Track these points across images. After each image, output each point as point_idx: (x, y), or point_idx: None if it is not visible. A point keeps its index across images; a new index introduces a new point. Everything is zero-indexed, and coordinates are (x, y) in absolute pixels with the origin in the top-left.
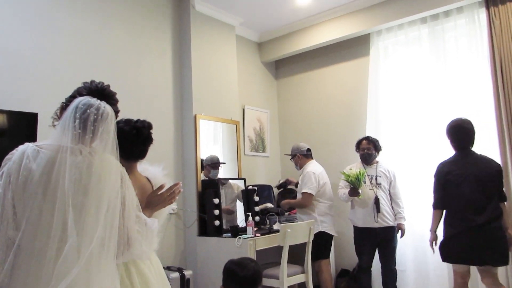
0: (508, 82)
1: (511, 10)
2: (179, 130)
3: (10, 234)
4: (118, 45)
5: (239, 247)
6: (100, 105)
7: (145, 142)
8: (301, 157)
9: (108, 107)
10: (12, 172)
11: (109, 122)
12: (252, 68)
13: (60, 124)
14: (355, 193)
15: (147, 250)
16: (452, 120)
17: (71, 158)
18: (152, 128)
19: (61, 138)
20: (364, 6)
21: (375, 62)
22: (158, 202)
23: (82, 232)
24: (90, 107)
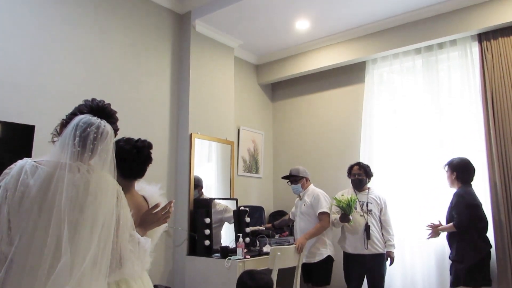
0: (498, 115)
1: (503, 45)
2: (174, 148)
3: (3, 249)
4: (117, 62)
5: (228, 268)
6: (100, 124)
7: (145, 161)
8: (308, 181)
9: (108, 126)
10: (9, 187)
11: (108, 141)
12: (249, 90)
13: (60, 141)
14: (345, 219)
15: (139, 270)
16: (461, 158)
17: (69, 175)
18: (152, 148)
19: (60, 155)
20: (361, 35)
21: (370, 89)
22: (152, 221)
23: (76, 250)
24: (91, 126)
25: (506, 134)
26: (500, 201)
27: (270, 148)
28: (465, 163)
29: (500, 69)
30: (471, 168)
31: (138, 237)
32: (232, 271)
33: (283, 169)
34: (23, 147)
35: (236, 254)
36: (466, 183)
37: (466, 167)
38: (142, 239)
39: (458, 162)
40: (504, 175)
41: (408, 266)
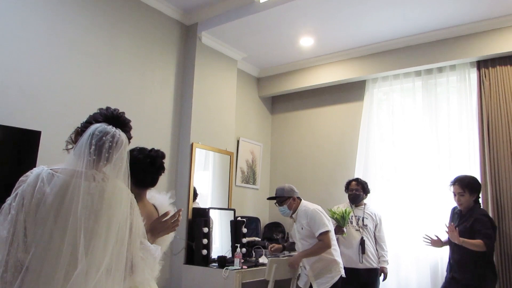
0: (493, 140)
1: (500, 73)
2: (175, 157)
3: (19, 256)
4: (123, 70)
5: (225, 278)
6: (115, 133)
7: (158, 171)
8: (296, 200)
9: (122, 135)
10: (25, 194)
11: (123, 150)
12: (250, 102)
13: (75, 149)
14: (339, 231)
15: (149, 277)
16: (473, 177)
17: (85, 183)
18: (165, 157)
19: (76, 163)
20: (363, 54)
21: (369, 108)
22: (162, 229)
23: (91, 258)
24: (106, 135)
25: (500, 158)
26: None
27: (268, 160)
28: (479, 184)
29: (497, 96)
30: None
31: (148, 245)
32: (230, 281)
33: (280, 181)
34: (29, 152)
35: (233, 264)
36: (477, 203)
37: (480, 188)
38: (152, 247)
39: (477, 183)
40: (497, 197)
41: (402, 281)
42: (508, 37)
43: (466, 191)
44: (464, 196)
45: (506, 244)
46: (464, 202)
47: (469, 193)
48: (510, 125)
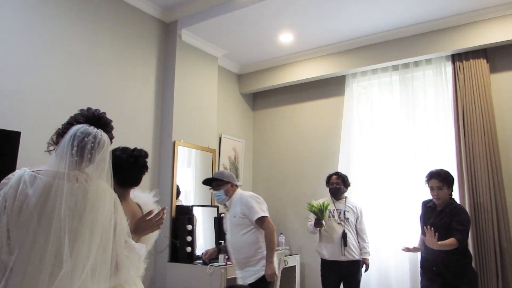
0: (468, 131)
1: (474, 66)
2: (157, 155)
3: (3, 258)
4: (103, 68)
5: (210, 275)
6: (97, 133)
7: (141, 170)
8: (233, 187)
9: (104, 136)
10: (8, 196)
11: (105, 150)
12: (231, 98)
13: (57, 150)
14: (318, 224)
15: (134, 275)
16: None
17: (68, 184)
18: (148, 157)
19: (59, 165)
20: (342, 50)
21: (349, 102)
22: (146, 227)
23: (76, 258)
24: (88, 136)
25: (475, 149)
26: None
27: (250, 156)
28: (453, 177)
29: (470, 88)
30: None
31: (133, 244)
32: (214, 277)
33: (263, 177)
34: (9, 153)
35: (218, 261)
36: (452, 198)
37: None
38: (137, 245)
39: (451, 177)
40: (473, 187)
41: (383, 271)
42: (480, 31)
43: (445, 185)
44: (442, 190)
45: (482, 236)
46: (442, 196)
47: (447, 187)
48: (484, 116)
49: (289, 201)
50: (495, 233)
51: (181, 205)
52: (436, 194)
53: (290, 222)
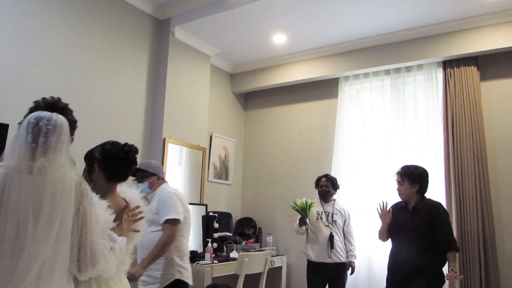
0: (457, 137)
1: (464, 73)
2: (147, 152)
3: None
4: (94, 63)
5: (196, 273)
6: (51, 116)
7: (130, 166)
8: (159, 180)
9: (60, 117)
10: None
11: (63, 132)
12: (223, 97)
13: (13, 141)
14: (302, 223)
15: (113, 267)
16: (420, 167)
17: (24, 175)
18: (138, 153)
19: (15, 155)
20: (335, 53)
21: (342, 105)
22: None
23: (34, 250)
24: (42, 120)
25: (463, 155)
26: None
27: (241, 155)
28: (427, 174)
29: (461, 95)
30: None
31: (115, 236)
32: (200, 275)
33: (252, 177)
34: None
35: (204, 259)
36: (424, 196)
37: (427, 178)
38: (118, 238)
39: (420, 173)
40: (459, 192)
41: (370, 274)
42: (472, 38)
43: (405, 181)
44: (403, 185)
45: (467, 239)
46: (403, 192)
47: (408, 183)
48: (473, 123)
49: (278, 202)
50: (480, 236)
51: None
52: (398, 189)
53: (278, 222)
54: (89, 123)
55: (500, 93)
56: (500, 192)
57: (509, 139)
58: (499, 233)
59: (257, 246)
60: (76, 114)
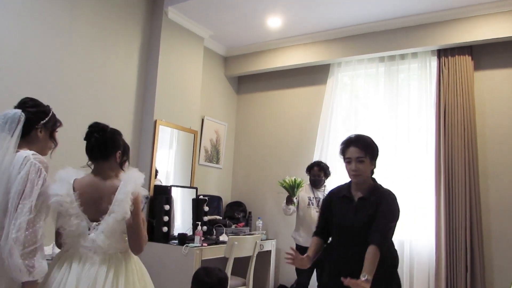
0: (449, 126)
1: (459, 62)
2: (137, 134)
3: None
4: (85, 42)
5: (185, 255)
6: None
7: (95, 144)
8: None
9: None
10: None
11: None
12: (216, 80)
13: None
14: (289, 201)
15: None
16: (368, 137)
17: None
18: (106, 131)
19: None
20: (329, 38)
21: (331, 91)
22: None
23: None
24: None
25: (454, 143)
26: (442, 206)
27: (232, 139)
28: (378, 148)
29: (454, 84)
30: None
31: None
32: (189, 258)
33: (243, 161)
34: None
35: (193, 242)
36: (375, 181)
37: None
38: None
39: (376, 148)
40: (449, 180)
41: None
42: (467, 27)
43: (368, 156)
44: (364, 164)
45: (455, 226)
46: (363, 173)
47: (370, 160)
48: (465, 112)
49: (268, 187)
50: (467, 225)
51: (159, 185)
52: (355, 169)
53: (268, 207)
54: (78, 103)
55: (493, 83)
56: (488, 181)
57: (499, 129)
58: (486, 221)
59: (246, 230)
60: (65, 93)
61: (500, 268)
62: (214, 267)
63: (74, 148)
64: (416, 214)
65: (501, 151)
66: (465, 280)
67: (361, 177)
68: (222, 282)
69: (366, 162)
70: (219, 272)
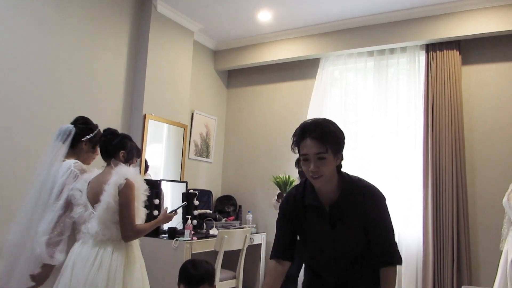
0: (436, 120)
1: (447, 57)
2: (126, 128)
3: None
4: (72, 35)
5: (175, 249)
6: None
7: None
8: None
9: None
10: None
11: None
12: (205, 74)
13: None
14: (281, 197)
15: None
16: (323, 119)
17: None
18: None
19: None
20: (319, 32)
21: (320, 85)
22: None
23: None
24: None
25: (441, 137)
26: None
27: (222, 133)
28: (342, 134)
29: (442, 78)
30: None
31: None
32: (179, 252)
33: (233, 155)
34: None
35: (183, 236)
36: (342, 175)
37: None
38: None
39: (340, 136)
40: (436, 174)
41: None
42: (455, 22)
43: (330, 150)
44: (326, 161)
45: (442, 219)
46: (327, 173)
47: (333, 154)
48: (452, 107)
49: (258, 180)
50: (454, 217)
51: (149, 179)
52: (314, 170)
53: (258, 200)
54: (66, 98)
55: (480, 78)
56: (475, 174)
57: (486, 123)
58: (472, 213)
59: (236, 223)
60: (53, 86)
61: (486, 259)
62: (201, 260)
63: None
64: (404, 207)
65: (487, 145)
66: (452, 271)
67: (324, 179)
68: (210, 274)
69: (329, 159)
70: (206, 264)
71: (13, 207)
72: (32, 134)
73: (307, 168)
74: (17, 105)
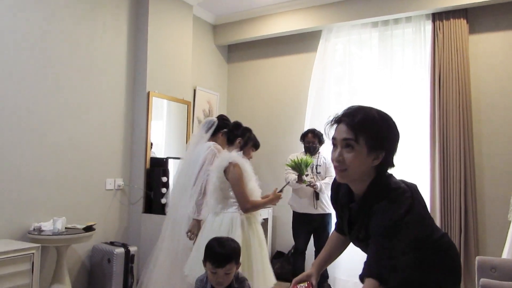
0: (443, 90)
1: (453, 26)
2: (130, 106)
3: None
4: (72, 16)
5: None
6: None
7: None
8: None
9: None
10: None
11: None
12: (206, 50)
13: None
14: (300, 180)
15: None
16: (384, 112)
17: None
18: (233, 126)
19: None
20: (321, 3)
21: (321, 58)
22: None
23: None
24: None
25: (449, 108)
26: (437, 170)
27: (224, 109)
28: (393, 130)
29: (449, 48)
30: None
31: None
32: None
33: None
34: None
35: None
36: (387, 177)
37: (396, 140)
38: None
39: (383, 125)
40: (444, 145)
41: None
42: None
43: (361, 138)
44: (353, 150)
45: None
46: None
47: (366, 147)
48: (460, 76)
49: (262, 155)
50: (462, 190)
51: (155, 157)
52: (338, 158)
53: (263, 175)
54: (68, 79)
55: (488, 47)
56: (482, 145)
57: (493, 92)
58: (479, 184)
59: None
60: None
61: (493, 229)
62: (227, 237)
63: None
64: (411, 179)
65: (495, 115)
66: (459, 242)
67: (348, 175)
68: (236, 252)
69: (359, 151)
70: (232, 242)
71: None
72: (36, 114)
73: (333, 157)
74: (20, 86)
